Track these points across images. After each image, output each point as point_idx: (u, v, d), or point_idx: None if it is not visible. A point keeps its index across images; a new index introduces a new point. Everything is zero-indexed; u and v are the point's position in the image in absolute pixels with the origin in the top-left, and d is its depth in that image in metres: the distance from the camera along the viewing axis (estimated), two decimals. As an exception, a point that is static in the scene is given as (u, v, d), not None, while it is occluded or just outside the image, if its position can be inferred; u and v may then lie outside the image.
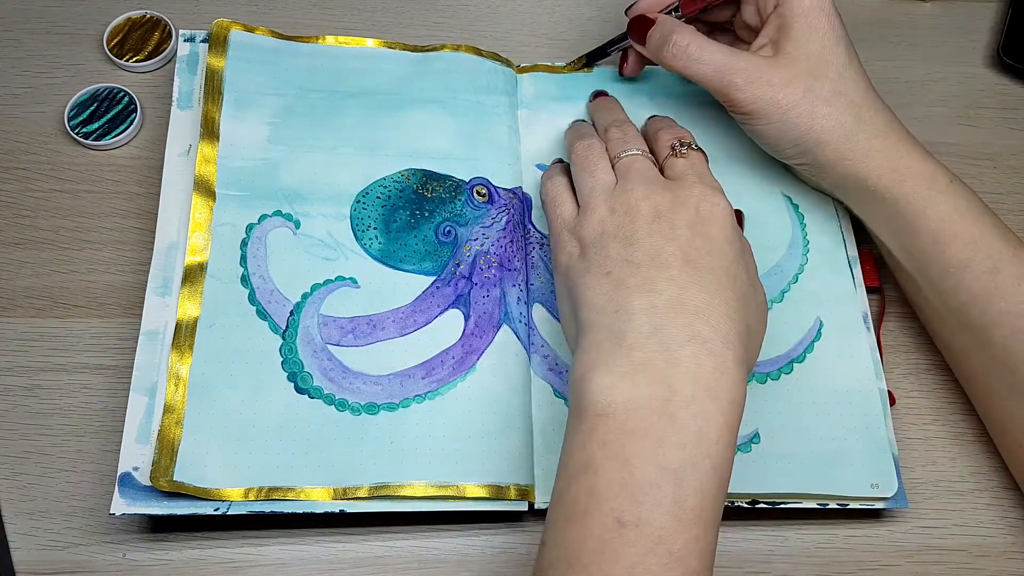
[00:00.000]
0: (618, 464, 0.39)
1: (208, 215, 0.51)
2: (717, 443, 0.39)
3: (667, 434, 0.39)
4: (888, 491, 0.49)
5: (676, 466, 0.38)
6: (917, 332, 0.56)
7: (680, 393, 0.40)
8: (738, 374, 0.41)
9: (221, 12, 0.61)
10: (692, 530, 0.38)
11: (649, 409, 0.39)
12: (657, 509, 0.38)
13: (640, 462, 0.39)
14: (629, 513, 0.38)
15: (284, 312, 0.50)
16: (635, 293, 0.42)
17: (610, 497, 0.38)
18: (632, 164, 0.48)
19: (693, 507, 0.38)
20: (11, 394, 0.50)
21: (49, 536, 0.47)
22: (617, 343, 0.41)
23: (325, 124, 0.55)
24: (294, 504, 0.46)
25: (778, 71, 0.50)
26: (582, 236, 0.46)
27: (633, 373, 0.40)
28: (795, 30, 0.50)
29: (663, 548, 0.37)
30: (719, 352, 0.41)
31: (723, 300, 0.42)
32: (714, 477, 0.39)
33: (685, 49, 0.51)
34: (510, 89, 0.58)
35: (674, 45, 0.51)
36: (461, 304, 0.51)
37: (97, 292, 0.53)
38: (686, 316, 0.41)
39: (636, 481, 0.38)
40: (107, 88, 0.58)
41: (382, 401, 0.48)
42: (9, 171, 0.55)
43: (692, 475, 0.39)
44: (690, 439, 0.39)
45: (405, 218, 0.53)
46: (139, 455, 0.46)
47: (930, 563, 0.50)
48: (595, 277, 0.44)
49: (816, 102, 0.50)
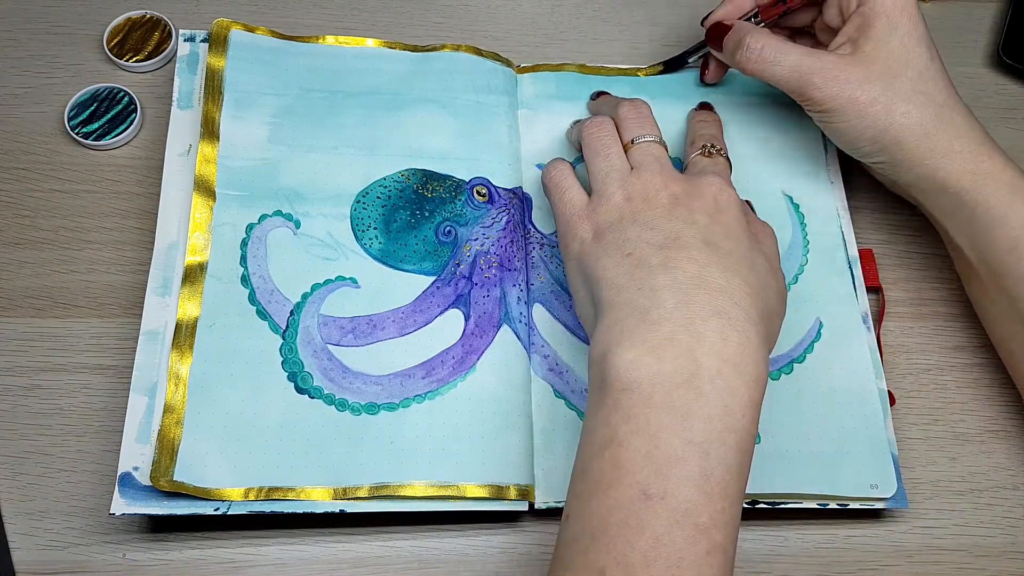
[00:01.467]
0: (643, 438, 0.39)
1: (208, 215, 0.51)
2: (742, 418, 0.40)
3: (693, 408, 0.39)
4: (887, 492, 0.49)
5: (702, 439, 0.39)
6: (917, 332, 0.56)
7: (706, 367, 0.40)
8: (762, 351, 0.41)
9: (221, 12, 0.61)
10: (717, 503, 0.38)
11: (674, 383, 0.39)
12: (683, 482, 0.38)
13: (666, 435, 0.39)
14: (655, 486, 0.38)
15: (284, 312, 0.50)
16: (658, 271, 0.42)
17: (635, 470, 0.38)
18: (648, 151, 0.48)
19: (719, 481, 0.38)
20: (11, 394, 0.50)
21: (49, 536, 0.47)
22: (641, 319, 0.41)
23: (325, 124, 0.55)
24: (294, 504, 0.46)
25: (856, 69, 0.50)
26: (598, 222, 0.46)
27: (658, 348, 0.40)
28: (875, 28, 0.50)
29: (689, 521, 0.38)
30: (743, 328, 0.41)
31: (743, 280, 0.43)
32: (738, 452, 0.39)
33: (760, 52, 0.51)
34: (510, 89, 0.58)
35: (748, 49, 0.51)
36: (461, 304, 0.51)
37: (97, 292, 0.53)
38: (709, 293, 0.42)
39: (662, 454, 0.38)
40: (107, 88, 0.58)
41: (382, 401, 0.48)
42: (9, 171, 0.55)
43: (718, 449, 0.39)
44: (716, 413, 0.39)
45: (405, 218, 0.53)
46: (139, 455, 0.46)
47: (930, 563, 0.50)
48: (614, 259, 0.44)
49: (895, 99, 0.50)
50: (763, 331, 0.42)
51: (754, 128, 0.58)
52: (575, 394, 0.50)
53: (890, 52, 0.50)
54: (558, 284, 0.53)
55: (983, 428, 0.54)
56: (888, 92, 0.49)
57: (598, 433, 0.40)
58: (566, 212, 0.48)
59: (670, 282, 0.42)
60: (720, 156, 0.50)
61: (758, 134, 0.58)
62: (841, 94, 0.50)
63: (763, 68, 0.51)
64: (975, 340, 0.56)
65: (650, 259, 0.43)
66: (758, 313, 0.42)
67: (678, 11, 0.65)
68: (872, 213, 0.59)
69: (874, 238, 0.58)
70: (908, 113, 0.49)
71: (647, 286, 0.42)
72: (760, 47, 0.51)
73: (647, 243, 0.44)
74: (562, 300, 0.53)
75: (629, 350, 0.40)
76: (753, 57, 0.51)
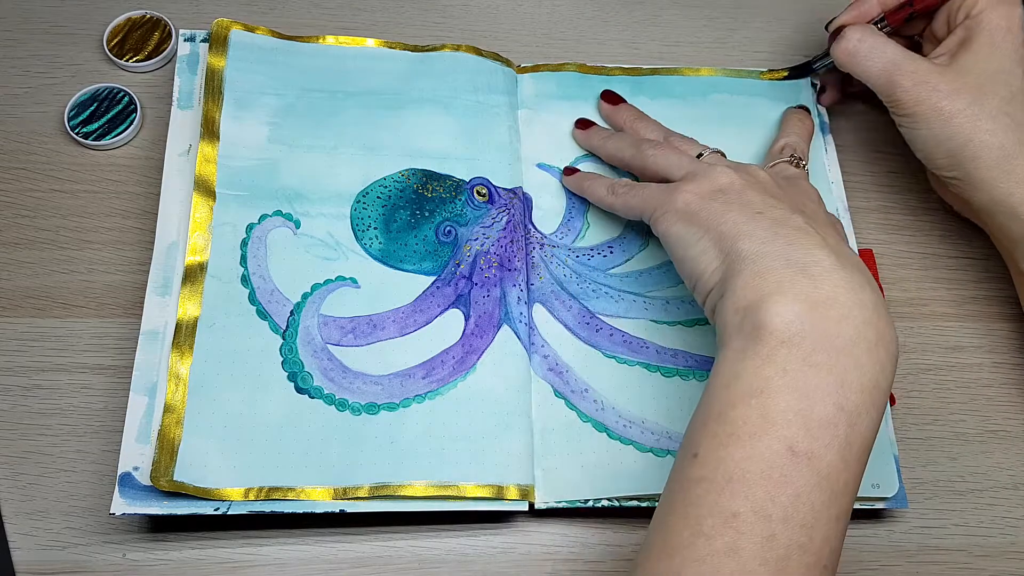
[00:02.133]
0: (797, 394, 0.38)
1: (208, 215, 0.51)
2: (883, 395, 0.40)
3: (850, 376, 0.39)
4: (889, 491, 0.49)
5: (852, 408, 0.39)
6: (917, 332, 0.56)
7: (866, 337, 0.40)
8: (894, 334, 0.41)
9: (221, 12, 0.61)
10: (853, 471, 0.39)
11: (836, 347, 0.39)
12: (829, 446, 0.38)
13: (821, 396, 0.38)
14: (802, 443, 0.38)
15: (284, 312, 0.50)
16: (806, 231, 0.42)
17: (785, 424, 0.38)
18: (719, 158, 0.49)
19: (858, 449, 0.39)
20: (11, 394, 0.50)
21: (49, 536, 0.47)
22: (800, 271, 0.41)
23: (325, 124, 0.55)
24: (294, 504, 0.46)
25: (947, 79, 0.50)
26: (703, 188, 0.45)
27: (822, 306, 0.40)
28: (976, 43, 0.50)
29: (828, 484, 0.38)
30: (884, 304, 0.41)
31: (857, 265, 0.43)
32: (874, 427, 0.40)
33: (857, 45, 0.51)
34: (510, 89, 0.58)
35: (846, 40, 0.51)
36: (461, 304, 0.51)
37: (97, 292, 0.53)
38: (853, 265, 0.42)
39: (815, 416, 0.38)
40: (107, 88, 0.58)
41: (382, 401, 0.48)
42: (9, 171, 0.55)
43: (864, 420, 0.39)
44: (868, 385, 0.39)
45: (405, 218, 0.53)
46: (139, 455, 0.46)
47: (930, 563, 0.50)
48: (745, 215, 0.44)
49: (980, 116, 0.49)
50: None
51: (754, 128, 0.58)
52: (575, 394, 0.50)
53: (985, 69, 0.50)
54: (558, 284, 0.53)
55: (983, 428, 0.54)
56: (974, 107, 0.49)
57: (744, 380, 0.39)
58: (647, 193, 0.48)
59: (821, 242, 0.42)
60: (803, 168, 0.51)
61: (758, 134, 0.58)
62: (927, 100, 0.49)
63: (856, 62, 0.51)
64: (975, 340, 0.56)
65: (789, 220, 0.43)
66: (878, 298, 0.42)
67: (678, 11, 0.65)
68: (872, 213, 0.59)
69: (874, 238, 0.58)
70: (992, 131, 0.49)
71: (798, 242, 0.42)
72: (857, 39, 0.51)
73: (777, 208, 0.44)
74: (562, 300, 0.53)
75: (793, 302, 0.40)
76: (850, 49, 0.51)
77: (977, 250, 0.59)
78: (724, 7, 0.66)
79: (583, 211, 0.55)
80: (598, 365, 0.51)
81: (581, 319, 0.52)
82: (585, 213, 0.55)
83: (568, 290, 0.53)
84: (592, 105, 0.58)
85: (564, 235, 0.55)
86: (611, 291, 0.53)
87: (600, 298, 0.53)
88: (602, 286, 0.53)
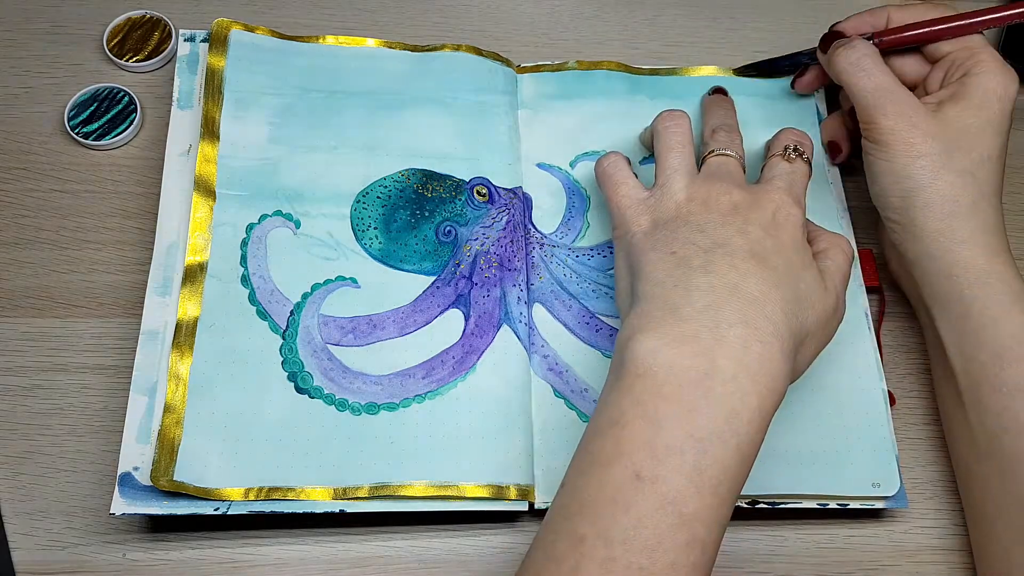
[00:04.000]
0: (647, 423, 0.39)
1: (208, 215, 0.51)
2: (748, 424, 0.40)
3: (701, 405, 0.40)
4: (890, 490, 0.49)
5: (703, 435, 0.39)
6: (917, 332, 0.56)
7: (722, 370, 0.40)
8: (783, 366, 0.42)
9: (221, 12, 0.61)
10: (706, 498, 0.39)
11: (688, 378, 0.40)
12: (677, 471, 0.38)
13: (669, 425, 0.39)
14: (648, 469, 0.38)
15: (284, 312, 0.50)
16: (697, 272, 0.43)
17: (633, 452, 0.39)
18: (724, 162, 0.49)
19: (712, 477, 0.39)
20: (11, 394, 0.50)
21: (49, 536, 0.47)
22: (670, 313, 0.42)
23: (325, 124, 0.55)
24: (294, 504, 0.46)
25: (929, 122, 0.50)
26: (656, 215, 0.47)
27: (679, 342, 0.41)
28: (966, 101, 0.50)
29: (674, 509, 0.38)
30: (768, 341, 0.41)
31: (781, 296, 0.43)
32: (738, 455, 0.40)
33: (860, 57, 0.51)
34: (510, 89, 0.58)
35: (852, 49, 0.52)
36: (461, 304, 0.51)
37: (97, 292, 0.53)
38: (741, 302, 0.42)
39: (661, 442, 0.39)
40: (107, 88, 0.58)
41: (382, 401, 0.48)
42: (9, 171, 0.55)
43: (717, 448, 0.39)
44: (722, 414, 0.40)
45: (405, 218, 0.53)
46: (139, 455, 0.46)
47: (930, 563, 0.50)
48: (660, 254, 0.45)
49: (946, 167, 0.49)
50: (790, 348, 0.42)
51: (753, 129, 0.58)
52: (575, 394, 0.50)
53: (967, 127, 0.50)
54: (558, 284, 0.53)
55: (983, 428, 0.54)
56: (943, 156, 0.49)
57: (607, 413, 0.41)
58: (622, 203, 0.48)
59: (705, 285, 0.42)
60: (801, 160, 0.50)
61: (757, 135, 0.58)
62: (902, 132, 0.50)
63: (852, 72, 0.51)
64: (975, 340, 0.56)
65: (692, 260, 0.44)
66: (790, 330, 0.42)
67: (678, 11, 0.65)
68: (872, 213, 0.59)
69: (874, 238, 0.58)
70: (951, 184, 0.49)
71: (683, 284, 0.43)
72: (863, 54, 0.51)
73: (694, 244, 0.44)
74: (562, 300, 0.53)
75: (652, 339, 0.41)
76: (852, 59, 0.51)
77: (977, 250, 0.59)
78: (724, 7, 0.66)
79: (583, 211, 0.55)
80: (598, 365, 0.51)
81: (581, 319, 0.52)
82: (585, 213, 0.55)
83: (568, 290, 0.53)
84: (591, 104, 0.58)
85: (564, 235, 0.55)
86: (611, 291, 0.53)
87: (600, 298, 0.53)
88: (602, 286, 0.53)
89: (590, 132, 0.57)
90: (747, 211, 0.45)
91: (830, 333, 0.46)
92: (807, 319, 0.44)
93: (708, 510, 0.39)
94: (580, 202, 0.56)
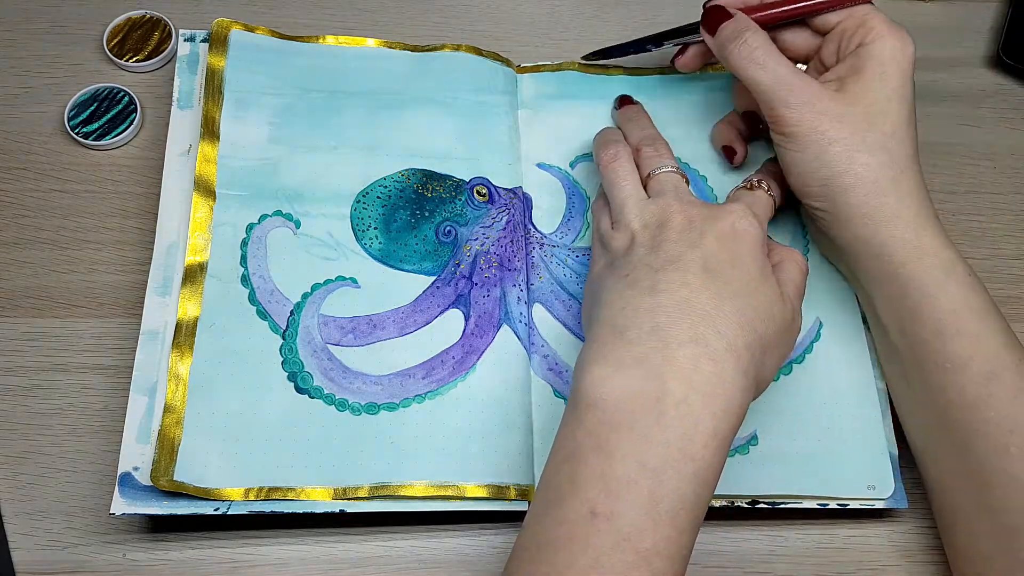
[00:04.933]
0: (601, 456, 0.39)
1: (208, 215, 0.51)
2: (703, 448, 0.39)
3: (653, 431, 0.39)
4: (885, 492, 0.49)
5: (656, 464, 0.38)
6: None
7: (672, 392, 0.39)
8: (738, 382, 0.40)
9: (221, 12, 0.61)
10: (664, 530, 0.38)
11: (638, 404, 0.39)
12: (632, 505, 0.38)
13: (621, 456, 0.38)
14: (603, 505, 0.38)
15: (284, 312, 0.50)
16: (645, 293, 0.42)
17: (588, 487, 0.38)
18: (668, 180, 0.48)
19: (668, 509, 0.38)
20: (11, 394, 0.50)
21: (49, 536, 0.47)
22: (618, 337, 0.41)
23: (325, 124, 0.55)
24: (294, 504, 0.46)
25: (834, 104, 0.48)
26: (613, 248, 0.46)
27: (629, 367, 0.40)
28: (867, 74, 0.49)
29: (631, 545, 0.37)
30: (720, 358, 0.40)
31: (735, 308, 0.42)
32: (694, 483, 0.39)
33: (753, 50, 0.49)
34: (510, 89, 0.58)
35: (744, 43, 0.50)
36: (461, 304, 0.51)
37: (97, 292, 0.53)
38: (692, 318, 0.41)
39: (614, 475, 0.38)
40: (107, 88, 0.58)
41: (382, 401, 0.48)
42: (9, 171, 0.55)
43: (672, 476, 0.38)
44: (675, 439, 0.39)
45: (405, 218, 0.53)
46: (139, 455, 0.46)
47: (930, 563, 0.50)
48: (615, 280, 0.44)
49: (860, 147, 0.48)
50: (745, 362, 0.41)
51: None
52: (575, 394, 0.51)
53: (873, 101, 0.48)
54: (558, 284, 0.53)
55: (983, 428, 0.54)
56: (856, 137, 0.48)
57: (562, 447, 0.40)
58: (595, 239, 0.49)
59: (654, 304, 0.42)
60: (764, 191, 0.49)
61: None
62: (810, 122, 0.48)
63: (748, 67, 0.49)
64: (975, 340, 0.56)
65: (642, 281, 0.43)
66: (745, 343, 0.41)
67: (678, 11, 0.65)
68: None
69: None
70: (868, 165, 0.48)
71: (630, 306, 0.42)
72: (755, 46, 0.49)
73: (646, 265, 0.43)
74: (562, 300, 0.53)
75: (601, 367, 0.40)
76: (745, 53, 0.49)
77: (976, 250, 0.59)
78: (724, 7, 0.66)
79: (583, 211, 0.55)
80: (598, 365, 0.51)
81: (581, 319, 0.52)
82: (585, 213, 0.55)
83: (568, 290, 0.53)
84: (591, 105, 0.58)
85: (564, 235, 0.55)
86: (611, 291, 0.53)
87: (600, 298, 0.53)
88: (602, 286, 0.53)
89: (590, 132, 0.57)
90: (703, 223, 0.45)
91: (790, 344, 0.45)
92: (767, 331, 0.43)
93: (666, 542, 0.38)
94: (580, 202, 0.56)
